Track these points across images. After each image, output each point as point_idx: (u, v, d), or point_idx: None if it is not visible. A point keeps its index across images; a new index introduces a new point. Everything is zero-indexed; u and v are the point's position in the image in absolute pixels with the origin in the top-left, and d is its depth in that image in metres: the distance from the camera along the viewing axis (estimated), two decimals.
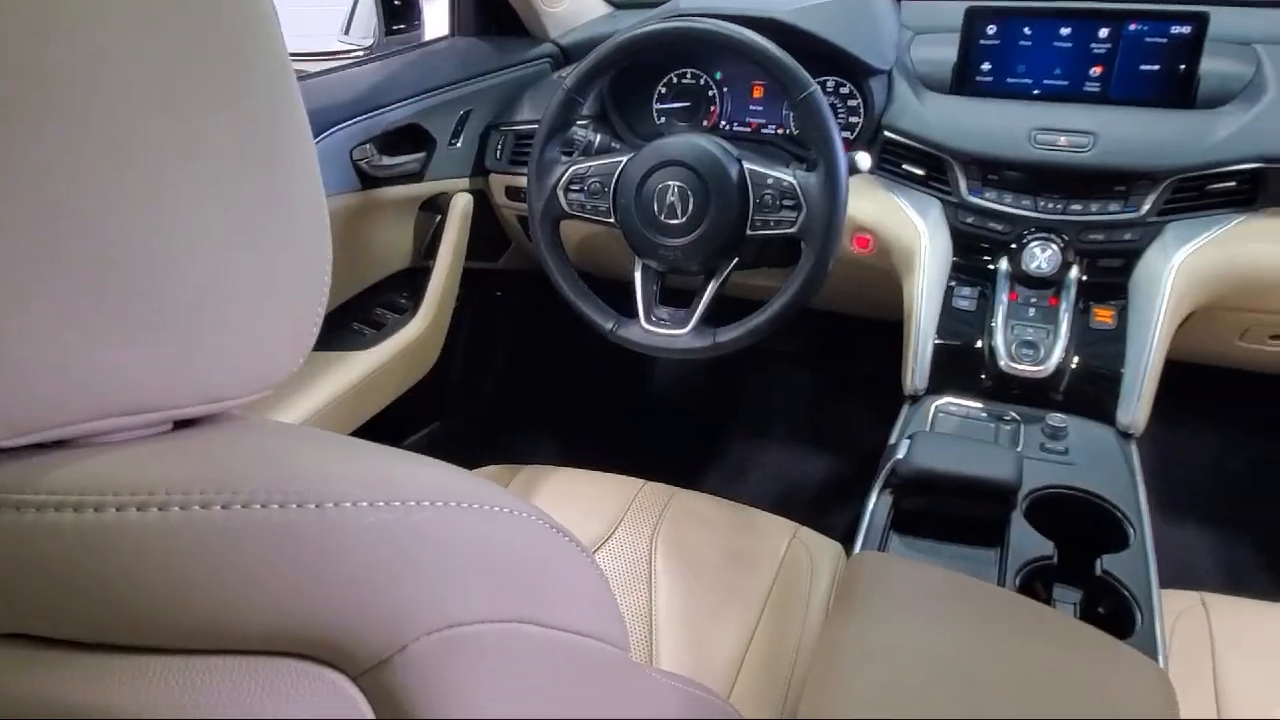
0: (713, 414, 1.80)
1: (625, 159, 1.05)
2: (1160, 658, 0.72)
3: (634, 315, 1.08)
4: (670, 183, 1.01)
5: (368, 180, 1.12)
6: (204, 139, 0.30)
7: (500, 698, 0.32)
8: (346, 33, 1.57)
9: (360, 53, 1.38)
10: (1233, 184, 1.00)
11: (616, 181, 1.05)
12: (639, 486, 1.06)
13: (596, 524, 1.02)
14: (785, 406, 1.74)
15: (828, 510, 1.52)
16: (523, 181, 1.11)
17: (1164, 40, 1.06)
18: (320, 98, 1.08)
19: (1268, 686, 0.81)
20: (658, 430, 1.81)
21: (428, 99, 1.19)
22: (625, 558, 0.99)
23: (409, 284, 1.27)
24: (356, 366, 1.14)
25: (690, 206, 1.01)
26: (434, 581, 0.31)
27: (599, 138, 1.16)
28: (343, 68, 1.17)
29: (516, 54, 1.34)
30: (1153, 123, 1.05)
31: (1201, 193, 1.02)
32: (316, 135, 1.04)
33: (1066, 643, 0.66)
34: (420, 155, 1.19)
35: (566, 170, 1.08)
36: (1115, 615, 0.78)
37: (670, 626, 0.92)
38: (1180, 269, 1.00)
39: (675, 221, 1.02)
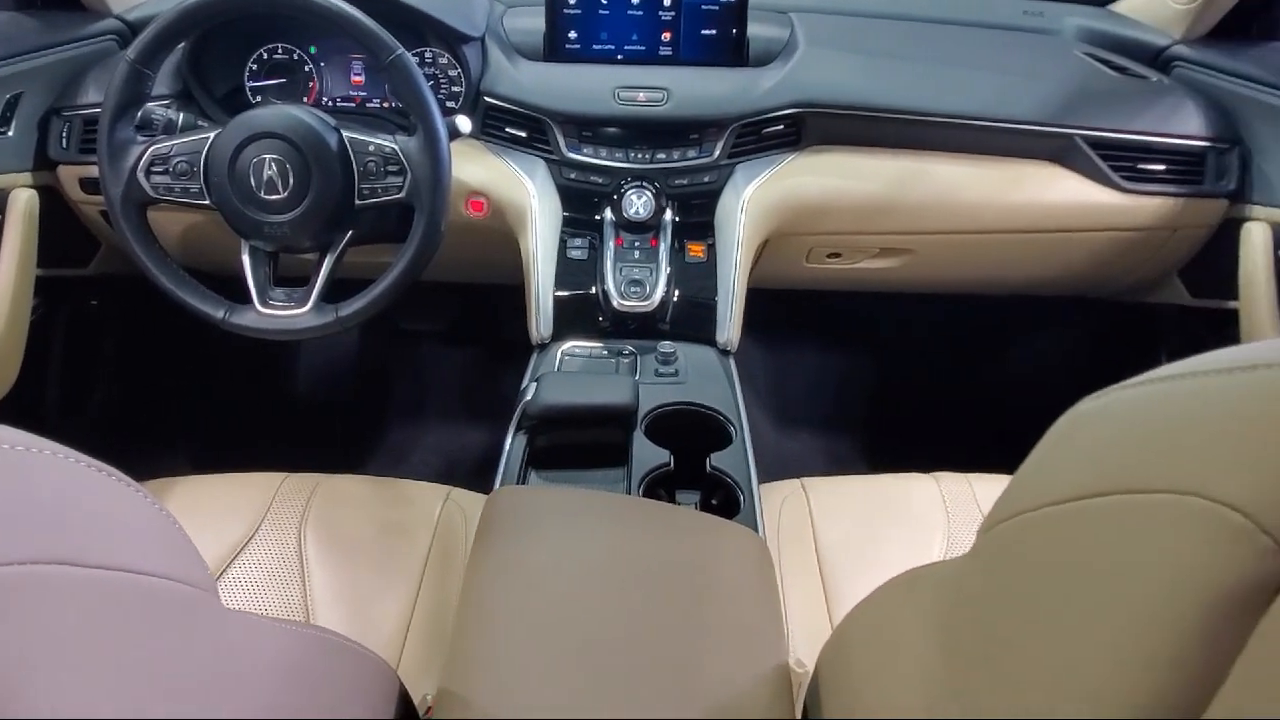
0: (367, 403, 1.75)
1: (213, 135, 0.98)
2: (759, 528, 0.83)
3: (249, 302, 1.02)
4: (265, 156, 0.97)
5: None
6: None
7: (33, 642, 0.29)
8: None
9: None
10: (781, 127, 1.17)
11: (206, 159, 0.98)
12: (280, 480, 1.01)
13: (237, 526, 0.95)
14: (440, 383, 1.74)
15: (490, 473, 1.55)
16: (97, 171, 1.00)
17: (716, 8, 1.20)
18: None
19: (853, 539, 0.97)
20: (308, 426, 1.72)
21: None
22: (273, 555, 0.93)
23: None
24: None
25: (291, 180, 0.97)
26: None
27: (182, 116, 1.07)
28: None
29: (72, 30, 1.19)
30: (715, 79, 1.19)
31: (759, 136, 1.18)
32: None
33: (680, 527, 0.75)
34: None
35: (145, 151, 0.99)
36: (726, 503, 0.88)
37: (330, 613, 0.89)
38: (749, 203, 1.15)
39: (276, 197, 0.97)
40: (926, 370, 1.74)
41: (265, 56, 1.21)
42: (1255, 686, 0.28)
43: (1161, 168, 1.15)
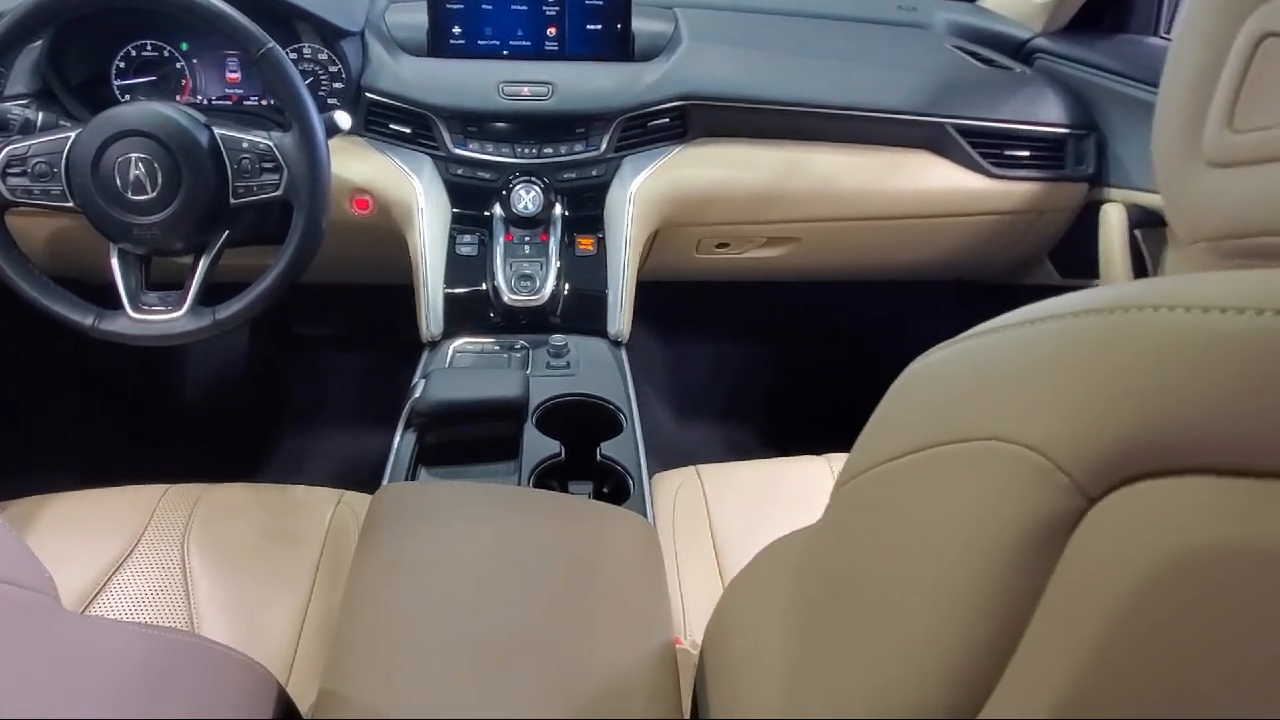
0: (259, 411, 1.70)
1: (74, 134, 0.94)
2: (648, 512, 0.84)
3: (120, 308, 0.98)
4: (131, 155, 0.93)
5: None
6: None
7: None
8: None
9: None
10: (666, 120, 1.19)
11: (67, 160, 0.94)
12: (162, 492, 0.97)
13: (115, 541, 0.91)
14: (334, 388, 1.70)
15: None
16: None
17: (601, 3, 1.21)
18: None
19: (747, 521, 0.99)
20: (197, 437, 1.66)
21: None
22: (154, 568, 0.90)
23: None
24: None
25: (160, 179, 0.94)
26: None
27: (42, 116, 1.02)
28: None
29: None
30: (600, 73, 1.20)
31: (645, 129, 1.19)
32: None
33: (564, 514, 0.75)
34: None
35: (1, 152, 0.94)
36: (617, 490, 0.89)
37: (215, 625, 0.86)
38: (637, 195, 1.17)
39: (144, 197, 0.94)
40: (819, 356, 1.79)
41: (133, 54, 1.16)
42: (1060, 619, 0.29)
43: (1026, 154, 1.21)
